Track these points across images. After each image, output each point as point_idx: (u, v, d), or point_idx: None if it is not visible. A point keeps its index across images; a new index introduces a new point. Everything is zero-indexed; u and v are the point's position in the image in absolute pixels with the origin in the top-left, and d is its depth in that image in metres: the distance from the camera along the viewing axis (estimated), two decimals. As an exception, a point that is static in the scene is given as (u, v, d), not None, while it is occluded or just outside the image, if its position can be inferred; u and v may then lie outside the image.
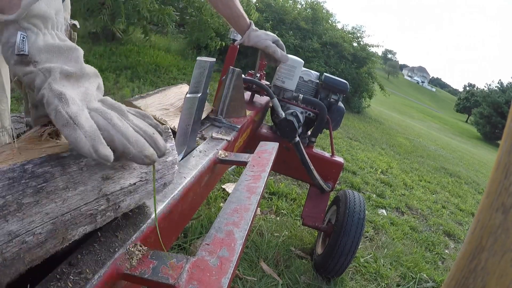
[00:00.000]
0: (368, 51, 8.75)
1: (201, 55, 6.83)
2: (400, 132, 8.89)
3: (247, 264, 1.54)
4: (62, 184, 0.35)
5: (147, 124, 0.43)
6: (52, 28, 0.42)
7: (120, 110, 0.41)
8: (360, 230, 1.49)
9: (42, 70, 0.38)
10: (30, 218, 0.32)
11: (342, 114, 1.60)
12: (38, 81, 0.38)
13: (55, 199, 0.34)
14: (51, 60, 0.40)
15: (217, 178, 0.99)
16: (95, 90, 0.42)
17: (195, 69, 0.70)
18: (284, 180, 2.63)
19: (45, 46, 0.39)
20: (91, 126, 0.35)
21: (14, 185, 0.31)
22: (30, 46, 0.38)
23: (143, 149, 0.38)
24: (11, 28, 0.38)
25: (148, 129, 0.41)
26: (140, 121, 0.42)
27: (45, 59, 0.39)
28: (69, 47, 0.41)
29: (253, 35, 1.26)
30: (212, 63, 0.73)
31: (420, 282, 1.95)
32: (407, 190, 3.62)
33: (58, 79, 0.38)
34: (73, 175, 0.36)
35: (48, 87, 0.37)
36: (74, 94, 0.38)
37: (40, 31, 0.40)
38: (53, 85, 0.37)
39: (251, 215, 0.55)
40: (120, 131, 0.37)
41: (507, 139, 0.26)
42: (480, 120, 27.71)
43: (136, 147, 0.38)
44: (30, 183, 0.32)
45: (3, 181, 0.30)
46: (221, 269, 0.42)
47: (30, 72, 0.38)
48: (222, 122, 1.04)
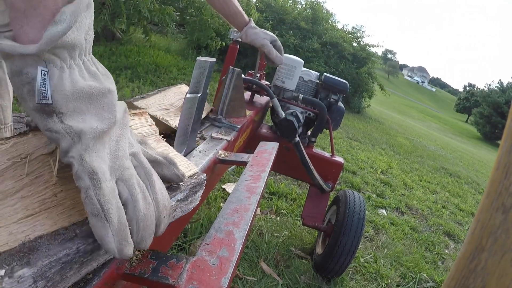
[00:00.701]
0: (368, 51, 8.75)
1: (201, 55, 6.84)
2: (400, 132, 8.89)
3: (247, 264, 1.53)
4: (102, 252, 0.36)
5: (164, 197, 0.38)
6: (80, 56, 0.34)
7: (148, 173, 0.37)
8: (360, 230, 1.49)
9: (70, 133, 0.31)
10: (67, 283, 0.32)
11: (342, 114, 1.60)
12: (64, 145, 0.32)
13: (92, 263, 0.35)
14: (82, 111, 0.33)
15: (217, 178, 0.99)
16: (126, 138, 0.38)
17: (195, 69, 0.70)
18: (284, 180, 2.63)
19: (73, 91, 0.32)
20: (120, 221, 0.32)
21: (65, 267, 0.30)
22: (53, 89, 0.31)
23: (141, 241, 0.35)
24: (29, 59, 0.30)
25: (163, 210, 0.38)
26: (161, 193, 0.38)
27: (73, 110, 0.32)
28: (101, 91, 0.34)
29: (250, 32, 1.25)
30: (212, 63, 0.72)
31: (420, 282, 1.95)
32: (407, 190, 3.62)
33: (90, 148, 0.32)
34: None
35: (79, 159, 0.31)
36: (106, 162, 0.33)
37: (65, 64, 0.32)
38: (85, 157, 0.31)
39: (251, 215, 0.55)
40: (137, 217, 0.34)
41: (507, 139, 0.26)
42: (480, 120, 27.72)
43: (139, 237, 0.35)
44: (79, 259, 0.32)
45: (56, 267, 0.29)
46: (221, 269, 0.42)
47: (54, 130, 0.31)
48: (222, 122, 1.04)
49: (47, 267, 0.28)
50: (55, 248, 0.30)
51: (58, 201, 0.34)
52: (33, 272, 0.27)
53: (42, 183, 0.35)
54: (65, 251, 0.30)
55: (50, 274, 0.29)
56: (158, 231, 0.38)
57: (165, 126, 0.82)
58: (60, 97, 0.31)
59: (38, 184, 0.35)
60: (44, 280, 0.29)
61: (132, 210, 0.34)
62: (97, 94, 0.34)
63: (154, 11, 4.33)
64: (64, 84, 0.31)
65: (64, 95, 0.31)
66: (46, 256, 0.29)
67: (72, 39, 0.31)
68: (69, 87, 0.31)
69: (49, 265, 0.29)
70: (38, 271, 0.28)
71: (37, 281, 0.28)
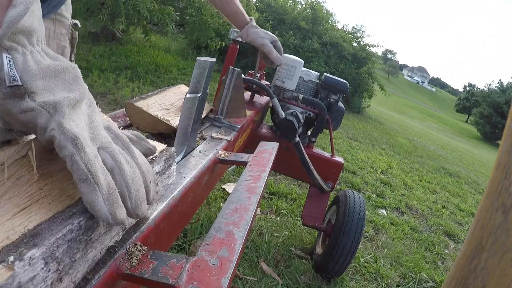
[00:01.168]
0: (368, 51, 8.76)
1: (201, 55, 6.84)
2: (400, 132, 8.89)
3: (247, 264, 1.54)
4: (103, 230, 0.36)
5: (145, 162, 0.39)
6: (37, 42, 0.35)
7: (124, 142, 0.39)
8: (360, 230, 1.49)
9: (45, 106, 0.32)
10: (77, 271, 0.33)
11: (342, 114, 1.60)
12: (41, 121, 0.32)
13: (96, 246, 0.35)
14: (50, 88, 0.34)
15: (217, 178, 0.99)
16: (97, 113, 0.39)
17: (195, 69, 0.69)
18: (284, 180, 2.63)
19: (40, 70, 0.33)
20: (108, 184, 0.32)
21: (72, 246, 0.31)
22: (21, 71, 0.32)
23: (136, 206, 0.35)
24: None
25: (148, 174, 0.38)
26: (141, 158, 0.39)
27: (43, 88, 0.33)
28: (64, 67, 0.36)
29: (251, 31, 1.25)
30: (212, 63, 0.72)
31: (420, 282, 1.95)
32: (407, 190, 3.62)
33: (67, 115, 0.33)
34: None
35: (59, 129, 0.32)
36: (85, 131, 0.34)
37: (26, 49, 0.33)
38: (65, 124, 0.32)
39: (251, 215, 0.55)
40: (126, 180, 0.34)
41: (507, 139, 0.26)
42: (480, 120, 27.72)
43: (133, 202, 0.35)
44: (83, 237, 0.33)
45: (63, 246, 0.30)
46: (221, 269, 0.42)
47: (29, 109, 0.32)
48: (222, 122, 1.04)
49: (54, 245, 0.29)
50: (58, 227, 0.30)
51: (45, 193, 0.35)
52: (42, 252, 0.27)
53: (25, 182, 0.35)
54: (68, 227, 0.30)
55: (59, 254, 0.29)
56: (149, 198, 0.38)
57: (166, 126, 0.82)
58: (29, 77, 0.32)
59: (21, 184, 0.35)
60: (55, 262, 0.29)
61: (119, 175, 0.34)
62: (62, 70, 0.35)
63: (154, 11, 4.33)
64: (29, 65, 0.32)
65: (32, 75, 0.32)
66: (50, 235, 0.29)
67: (29, 24, 0.32)
68: (34, 67, 0.33)
69: (56, 243, 0.29)
70: (47, 251, 0.28)
71: (48, 263, 0.28)
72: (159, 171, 0.49)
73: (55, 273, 0.29)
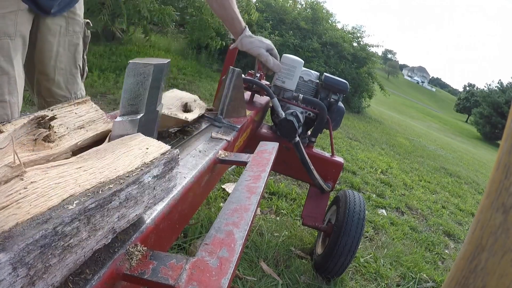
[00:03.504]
0: (368, 51, 8.76)
1: (201, 55, 6.84)
2: (400, 132, 8.89)
3: (247, 264, 1.53)
4: (85, 235, 0.35)
5: None
6: None
7: None
8: (360, 230, 1.49)
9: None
10: (53, 275, 0.32)
11: (342, 114, 1.60)
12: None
13: (76, 251, 0.34)
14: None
15: (217, 178, 0.99)
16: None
17: (128, 77, 0.52)
18: (284, 180, 2.63)
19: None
20: None
21: (45, 252, 0.30)
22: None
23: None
24: None
25: None
26: None
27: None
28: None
29: (246, 41, 1.24)
30: (160, 67, 0.54)
31: (420, 282, 1.95)
32: (407, 190, 3.62)
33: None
34: (96, 224, 0.36)
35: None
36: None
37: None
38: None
39: (251, 215, 0.55)
40: None
41: (507, 139, 0.26)
42: (480, 120, 27.72)
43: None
44: (59, 243, 0.32)
45: (35, 251, 0.29)
46: (221, 270, 0.42)
47: None
48: (222, 122, 1.04)
49: (24, 251, 0.27)
50: (31, 231, 0.29)
51: (30, 192, 0.34)
52: (10, 258, 0.26)
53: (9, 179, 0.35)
54: (41, 232, 0.29)
55: (30, 260, 0.28)
56: None
57: (176, 121, 0.84)
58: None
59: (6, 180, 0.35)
60: (24, 267, 0.28)
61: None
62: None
63: (154, 11, 4.33)
64: None
65: None
66: (21, 240, 0.28)
67: None
68: None
69: (26, 249, 0.28)
70: (15, 256, 0.27)
71: (16, 268, 0.27)
72: (158, 174, 0.46)
73: (25, 278, 0.28)
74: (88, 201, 0.35)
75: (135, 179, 0.41)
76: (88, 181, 0.38)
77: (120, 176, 0.41)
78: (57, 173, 0.38)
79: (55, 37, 0.98)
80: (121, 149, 0.47)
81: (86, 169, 0.40)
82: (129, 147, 0.48)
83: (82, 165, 0.41)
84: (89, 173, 0.39)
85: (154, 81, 0.53)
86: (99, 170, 0.41)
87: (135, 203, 0.42)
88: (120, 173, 0.41)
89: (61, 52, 1.01)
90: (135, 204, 0.42)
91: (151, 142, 0.51)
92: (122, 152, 0.46)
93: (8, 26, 0.80)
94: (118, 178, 0.40)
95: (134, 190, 0.41)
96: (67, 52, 1.02)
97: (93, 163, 0.42)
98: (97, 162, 0.42)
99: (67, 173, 0.39)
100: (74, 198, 0.35)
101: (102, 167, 0.41)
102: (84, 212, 0.34)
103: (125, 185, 0.39)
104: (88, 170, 0.40)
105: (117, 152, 0.46)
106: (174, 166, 0.50)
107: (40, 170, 0.37)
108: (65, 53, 1.02)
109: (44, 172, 0.37)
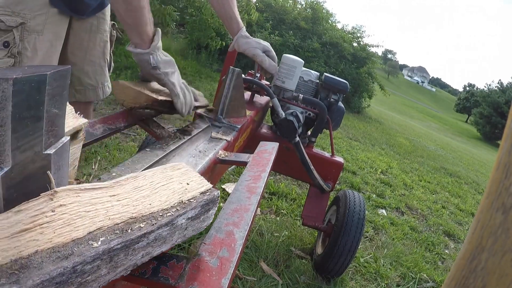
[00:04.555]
0: (368, 51, 8.76)
1: (201, 55, 6.83)
2: (400, 132, 8.89)
3: (247, 264, 1.54)
4: (105, 272, 0.33)
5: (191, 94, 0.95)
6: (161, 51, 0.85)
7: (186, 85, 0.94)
8: (360, 230, 1.49)
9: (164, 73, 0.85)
10: None
11: (342, 114, 1.60)
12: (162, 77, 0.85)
13: (92, 285, 0.32)
14: (165, 67, 0.85)
15: (217, 178, 0.99)
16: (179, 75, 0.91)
17: None
18: (284, 180, 2.63)
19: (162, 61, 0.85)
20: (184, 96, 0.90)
21: None
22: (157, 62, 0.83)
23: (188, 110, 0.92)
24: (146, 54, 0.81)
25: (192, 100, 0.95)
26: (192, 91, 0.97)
27: (163, 67, 0.85)
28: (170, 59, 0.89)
29: (242, 41, 1.25)
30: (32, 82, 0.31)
31: (420, 282, 1.95)
32: (407, 190, 3.62)
33: (169, 76, 0.86)
34: (118, 262, 0.34)
35: (168, 81, 0.86)
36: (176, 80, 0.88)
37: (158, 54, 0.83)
38: (170, 79, 0.86)
39: (251, 215, 0.55)
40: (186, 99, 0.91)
41: (507, 139, 0.26)
42: (480, 120, 27.72)
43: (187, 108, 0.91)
44: (76, 279, 0.30)
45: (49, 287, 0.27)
46: (221, 270, 0.42)
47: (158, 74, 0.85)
48: (222, 122, 1.04)
49: (38, 287, 0.26)
50: (49, 266, 0.28)
51: (56, 216, 0.32)
52: None
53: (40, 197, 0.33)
54: (60, 270, 0.28)
55: None
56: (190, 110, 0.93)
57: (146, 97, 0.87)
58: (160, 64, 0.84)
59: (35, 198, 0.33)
60: None
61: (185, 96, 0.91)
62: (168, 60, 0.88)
63: (154, 11, 4.33)
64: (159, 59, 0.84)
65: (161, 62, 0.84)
66: (37, 275, 0.26)
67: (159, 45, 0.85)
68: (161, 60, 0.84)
69: (41, 285, 0.26)
70: None
71: None
72: (193, 216, 0.42)
73: None
74: (114, 240, 0.32)
75: (168, 221, 0.38)
76: (119, 214, 0.35)
77: (154, 213, 0.38)
78: (89, 198, 0.35)
79: (87, 33, 1.13)
80: (161, 180, 0.44)
81: (120, 199, 0.37)
82: (169, 178, 0.45)
83: (116, 192, 0.38)
84: (122, 205, 0.37)
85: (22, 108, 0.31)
86: (133, 202, 0.38)
87: (163, 242, 0.39)
88: (154, 209, 0.38)
89: (91, 46, 1.16)
90: (163, 243, 0.39)
91: (192, 176, 0.47)
92: (161, 185, 0.43)
93: (37, 25, 0.95)
94: (151, 216, 0.37)
95: (165, 232, 0.38)
96: (97, 47, 1.18)
97: (129, 192, 0.39)
98: (133, 193, 0.39)
99: (99, 200, 0.36)
100: (100, 234, 0.32)
101: (136, 199, 0.39)
102: (108, 253, 0.32)
103: (156, 227, 0.37)
104: (122, 201, 0.37)
105: (155, 184, 0.43)
106: (212, 207, 0.46)
107: (72, 192, 0.35)
108: (95, 48, 1.17)
109: (76, 194, 0.35)
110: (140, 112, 0.93)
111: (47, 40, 0.98)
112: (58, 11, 0.99)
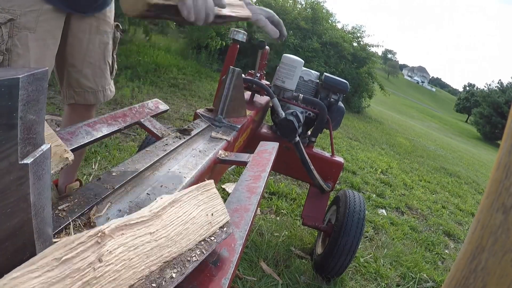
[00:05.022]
0: (368, 51, 8.76)
1: (201, 55, 6.83)
2: (400, 132, 8.89)
3: (247, 264, 1.54)
4: None
5: None
6: None
7: None
8: (360, 230, 1.49)
9: None
10: None
11: (342, 114, 1.60)
12: None
13: None
14: None
15: (217, 178, 0.99)
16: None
17: None
18: (284, 180, 2.63)
19: None
20: None
21: None
22: None
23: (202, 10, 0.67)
24: None
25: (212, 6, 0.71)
26: None
27: None
28: None
29: None
30: None
31: (420, 282, 1.95)
32: (407, 190, 3.62)
33: None
34: None
35: None
36: None
37: None
38: None
39: (251, 215, 0.55)
40: None
41: (507, 139, 0.26)
42: (480, 120, 27.72)
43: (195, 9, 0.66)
44: None
45: None
46: (221, 270, 0.42)
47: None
48: (222, 122, 1.04)
49: None
50: None
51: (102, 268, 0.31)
52: None
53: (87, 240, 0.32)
54: None
55: None
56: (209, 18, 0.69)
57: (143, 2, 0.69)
58: None
59: None
60: None
61: None
62: None
63: (154, 11, 4.33)
64: None
65: None
66: None
67: None
68: None
69: None
70: None
71: None
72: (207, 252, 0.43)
73: None
74: None
75: (192, 266, 0.40)
76: (156, 259, 0.36)
77: (182, 255, 0.39)
78: (131, 239, 0.34)
79: (86, 34, 1.10)
80: (192, 209, 0.44)
81: (157, 238, 0.37)
82: (197, 206, 0.45)
83: (154, 229, 0.38)
84: (159, 246, 0.37)
85: None
86: (168, 242, 0.38)
87: None
88: (184, 250, 0.40)
89: (90, 48, 1.12)
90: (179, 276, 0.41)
91: (216, 204, 0.48)
92: (191, 216, 0.43)
93: (28, 22, 0.91)
94: (180, 261, 0.39)
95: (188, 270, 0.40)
96: (97, 49, 1.14)
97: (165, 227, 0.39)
98: (169, 228, 0.39)
99: (140, 241, 0.35)
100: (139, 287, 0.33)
101: (171, 238, 0.39)
102: None
103: (184, 277, 0.38)
104: (159, 241, 0.37)
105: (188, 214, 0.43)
106: (229, 228, 0.48)
107: (117, 231, 0.34)
108: (95, 50, 1.14)
109: (120, 232, 0.34)
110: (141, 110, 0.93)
111: (41, 38, 0.95)
112: (53, 8, 0.96)
